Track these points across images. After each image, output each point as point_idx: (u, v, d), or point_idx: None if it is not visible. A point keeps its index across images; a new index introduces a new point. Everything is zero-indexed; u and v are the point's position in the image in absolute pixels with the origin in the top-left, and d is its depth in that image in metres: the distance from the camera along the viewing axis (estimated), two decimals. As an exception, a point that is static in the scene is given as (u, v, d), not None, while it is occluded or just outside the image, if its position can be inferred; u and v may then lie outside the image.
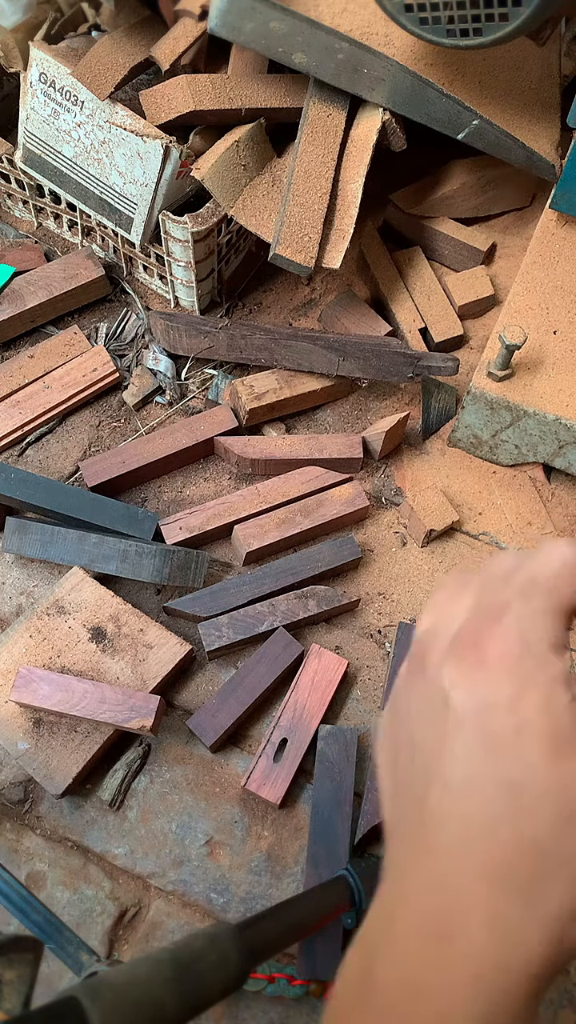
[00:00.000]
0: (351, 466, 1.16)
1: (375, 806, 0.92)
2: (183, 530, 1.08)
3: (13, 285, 1.23)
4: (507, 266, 1.36)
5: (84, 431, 1.20)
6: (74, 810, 0.95)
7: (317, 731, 0.97)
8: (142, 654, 0.97)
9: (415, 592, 1.10)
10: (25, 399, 1.18)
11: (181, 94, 1.06)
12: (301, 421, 1.23)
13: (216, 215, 1.12)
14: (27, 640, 0.97)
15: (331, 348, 1.13)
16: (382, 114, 1.11)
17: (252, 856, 0.94)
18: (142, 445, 1.13)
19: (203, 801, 0.96)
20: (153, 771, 0.97)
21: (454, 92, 1.09)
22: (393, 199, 1.34)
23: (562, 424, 1.06)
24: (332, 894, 0.84)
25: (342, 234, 1.11)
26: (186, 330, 1.17)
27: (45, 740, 0.93)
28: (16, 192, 1.31)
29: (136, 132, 1.07)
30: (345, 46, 1.04)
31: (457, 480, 1.18)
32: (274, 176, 1.14)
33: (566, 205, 1.14)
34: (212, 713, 0.96)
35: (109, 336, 1.27)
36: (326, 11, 1.05)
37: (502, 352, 1.04)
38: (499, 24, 0.92)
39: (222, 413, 1.16)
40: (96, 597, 1.00)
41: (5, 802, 0.95)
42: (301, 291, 1.34)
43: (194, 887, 0.92)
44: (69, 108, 1.11)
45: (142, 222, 1.16)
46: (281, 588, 1.04)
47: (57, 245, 1.34)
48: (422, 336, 1.26)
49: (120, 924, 0.91)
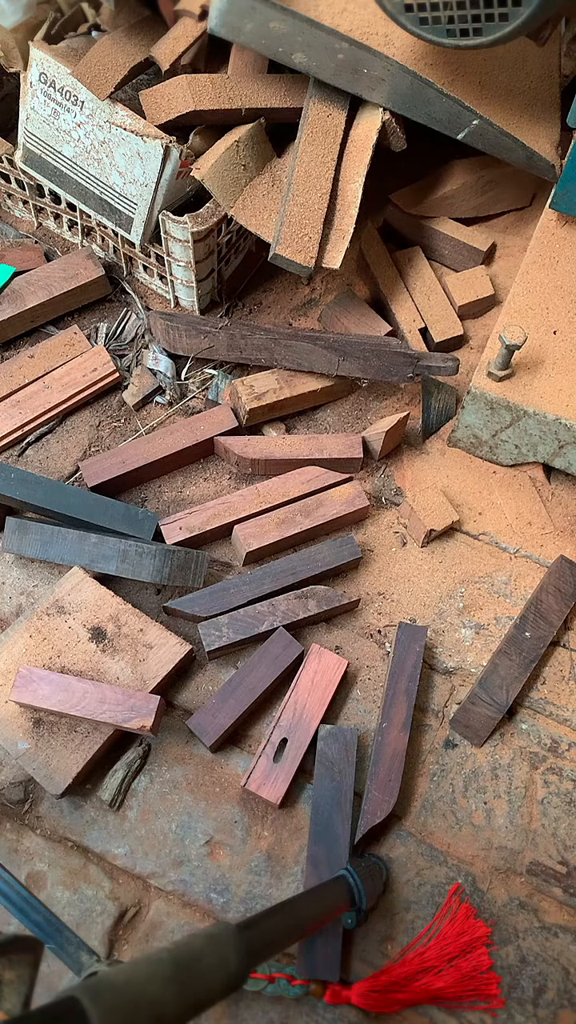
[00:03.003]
0: (351, 466, 1.16)
1: (375, 806, 0.93)
2: (183, 530, 1.08)
3: (13, 285, 1.23)
4: (507, 266, 1.36)
5: (84, 431, 1.20)
6: (74, 810, 0.95)
7: (317, 731, 0.97)
8: (142, 654, 0.97)
9: (415, 592, 1.10)
10: (25, 399, 1.18)
11: (181, 94, 1.06)
12: (301, 421, 1.23)
13: (216, 215, 1.12)
14: (27, 640, 0.97)
15: (331, 348, 1.13)
16: (382, 114, 1.11)
17: (252, 856, 0.94)
18: (142, 445, 1.13)
19: (203, 801, 0.96)
20: (153, 771, 0.97)
21: (454, 92, 1.09)
22: (393, 199, 1.34)
23: (562, 424, 1.06)
24: (332, 894, 0.84)
25: (342, 234, 1.11)
26: (186, 330, 1.17)
27: (45, 740, 0.93)
28: (16, 192, 1.31)
29: (136, 132, 1.07)
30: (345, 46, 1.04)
31: (457, 480, 1.18)
32: (274, 176, 1.14)
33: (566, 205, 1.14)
34: (212, 713, 0.96)
35: (109, 336, 1.27)
36: (326, 11, 1.05)
37: (502, 352, 1.04)
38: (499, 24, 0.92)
39: (222, 413, 1.16)
40: (96, 597, 1.00)
41: (5, 802, 0.95)
42: (301, 291, 1.34)
43: (194, 887, 0.92)
44: (69, 108, 1.11)
45: (142, 222, 1.16)
46: (281, 588, 1.04)
47: (57, 245, 1.34)
48: (422, 336, 1.26)
49: (120, 924, 0.91)
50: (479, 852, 0.95)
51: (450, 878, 0.93)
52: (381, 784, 0.93)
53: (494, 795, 0.98)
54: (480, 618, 1.08)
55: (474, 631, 1.07)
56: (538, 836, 0.96)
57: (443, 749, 1.00)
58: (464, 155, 1.31)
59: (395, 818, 0.96)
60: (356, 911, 0.87)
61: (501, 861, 0.95)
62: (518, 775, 0.99)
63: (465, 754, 1.00)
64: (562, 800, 0.98)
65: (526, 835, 0.96)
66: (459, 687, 1.04)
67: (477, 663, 1.05)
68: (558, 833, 0.96)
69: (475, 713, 1.00)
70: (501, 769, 0.99)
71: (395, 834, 0.95)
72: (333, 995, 0.86)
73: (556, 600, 1.06)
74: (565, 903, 0.93)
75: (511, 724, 1.02)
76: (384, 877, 0.92)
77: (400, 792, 0.94)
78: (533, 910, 0.92)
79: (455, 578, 1.11)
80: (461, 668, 1.05)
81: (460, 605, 1.09)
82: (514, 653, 1.02)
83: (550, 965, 0.90)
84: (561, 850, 0.95)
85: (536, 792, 0.98)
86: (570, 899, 0.93)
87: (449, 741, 1.01)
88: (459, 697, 1.04)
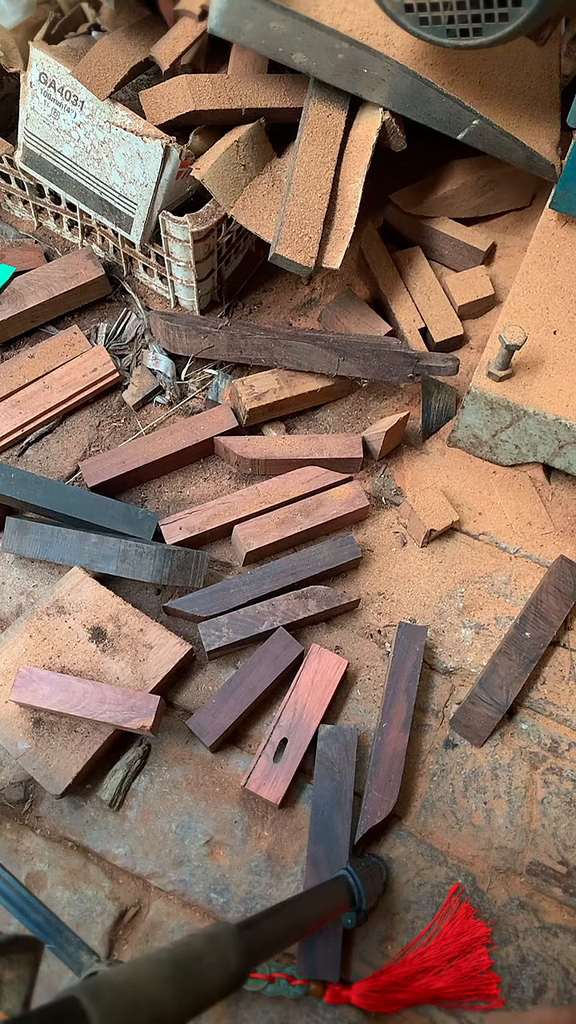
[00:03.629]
0: (351, 466, 1.16)
1: (375, 806, 0.93)
2: (183, 530, 1.08)
3: (13, 285, 1.23)
4: (507, 266, 1.36)
5: (84, 431, 1.20)
6: (74, 810, 0.95)
7: (317, 731, 0.97)
8: (142, 654, 0.97)
9: (415, 592, 1.10)
10: (25, 399, 1.18)
11: (181, 94, 1.06)
12: (301, 421, 1.23)
13: (216, 215, 1.12)
14: (27, 640, 0.97)
15: (331, 348, 1.13)
16: (382, 114, 1.11)
17: (252, 856, 0.94)
18: (142, 445, 1.13)
19: (203, 801, 0.96)
20: (153, 771, 0.97)
21: (454, 92, 1.09)
22: (393, 199, 1.34)
23: (562, 424, 1.06)
24: (332, 894, 0.84)
25: (342, 234, 1.11)
26: (186, 330, 1.17)
27: (45, 740, 0.93)
28: (16, 192, 1.31)
29: (136, 132, 1.07)
30: (345, 46, 1.04)
31: (457, 480, 1.18)
32: (274, 176, 1.14)
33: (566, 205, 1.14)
34: (212, 713, 0.96)
35: (109, 336, 1.27)
36: (326, 11, 1.05)
37: (502, 352, 1.04)
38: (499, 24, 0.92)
39: (222, 413, 1.16)
40: (96, 597, 1.00)
41: (5, 802, 0.95)
42: (301, 291, 1.34)
43: (194, 887, 0.92)
44: (69, 108, 1.11)
45: (142, 222, 1.16)
46: (281, 588, 1.04)
47: (57, 245, 1.34)
48: (422, 336, 1.26)
49: (120, 924, 0.91)
50: (479, 852, 0.95)
51: (450, 878, 0.93)
52: (381, 784, 0.93)
53: (494, 795, 0.98)
54: (480, 618, 1.08)
55: (474, 631, 1.07)
56: (538, 836, 0.96)
57: (443, 749, 1.00)
58: (464, 155, 1.31)
59: (395, 818, 0.96)
60: (356, 911, 0.87)
61: (501, 861, 0.95)
62: (518, 775, 0.99)
63: (465, 754, 1.00)
64: (562, 800, 0.98)
65: (526, 835, 0.96)
66: (459, 687, 1.04)
67: (477, 663, 1.05)
68: (558, 833, 0.96)
69: (475, 713, 1.00)
70: (501, 769, 0.99)
71: (395, 834, 0.95)
72: (333, 995, 0.86)
73: (556, 600, 1.06)
74: (565, 903, 0.93)
75: (511, 724, 1.02)
76: (384, 877, 0.92)
77: (400, 792, 0.94)
78: (533, 910, 0.92)
79: (455, 578, 1.11)
80: (461, 668, 1.05)
81: (460, 605, 1.09)
82: (514, 653, 1.02)
83: (550, 965, 0.90)
84: (561, 850, 0.95)
85: (536, 792, 0.98)
86: (570, 899, 0.93)
87: (449, 741, 1.01)
88: (459, 697, 1.04)
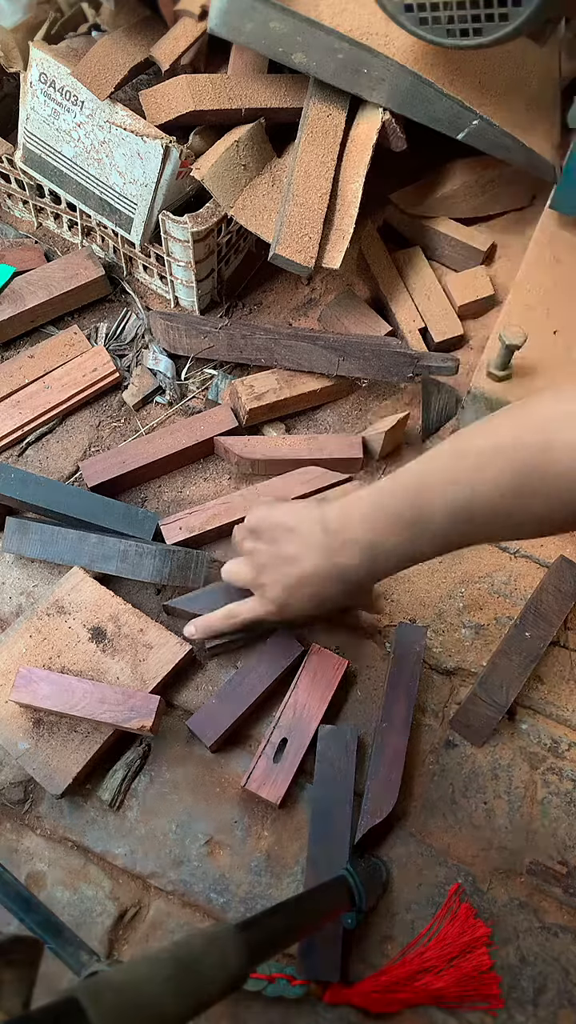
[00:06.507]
0: (351, 466, 1.16)
1: (375, 806, 0.93)
2: (183, 530, 1.08)
3: (13, 285, 1.23)
4: (507, 266, 1.36)
5: (84, 431, 1.20)
6: (74, 810, 0.95)
7: (317, 731, 0.97)
8: (142, 654, 0.97)
9: (415, 592, 1.10)
10: (25, 399, 1.18)
11: (181, 94, 1.06)
12: (301, 421, 1.23)
13: (216, 215, 1.12)
14: (27, 640, 0.97)
15: (331, 348, 1.13)
16: (382, 114, 1.11)
17: (252, 856, 0.94)
18: (142, 445, 1.13)
19: (203, 801, 0.96)
20: (153, 771, 0.97)
21: (454, 92, 1.09)
22: (393, 199, 1.34)
23: (562, 424, 1.06)
24: (332, 894, 0.84)
25: (342, 234, 1.11)
26: (186, 330, 1.17)
27: (45, 740, 0.93)
28: (16, 192, 1.31)
29: (136, 132, 1.07)
30: (345, 46, 1.04)
31: (457, 480, 1.18)
32: (274, 176, 1.14)
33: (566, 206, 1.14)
34: (212, 713, 0.96)
35: (109, 336, 1.27)
36: (326, 11, 1.05)
37: (502, 352, 1.04)
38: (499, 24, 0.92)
39: (222, 413, 1.16)
40: (96, 597, 1.00)
41: (5, 802, 0.95)
42: (301, 291, 1.34)
43: (194, 887, 0.92)
44: (69, 108, 1.11)
45: (142, 222, 1.16)
46: (281, 588, 1.04)
47: (57, 245, 1.34)
48: (422, 336, 1.26)
49: (120, 924, 0.91)
50: (479, 852, 0.95)
51: (450, 878, 0.93)
52: (381, 784, 0.93)
53: (494, 795, 0.98)
54: (480, 618, 1.08)
55: (474, 631, 1.07)
56: (538, 836, 0.96)
57: (443, 749, 1.00)
58: (464, 155, 1.31)
59: (395, 818, 0.96)
60: (356, 911, 0.87)
61: (501, 861, 0.95)
62: (518, 775, 0.99)
63: (465, 754, 1.00)
64: (562, 800, 0.98)
65: (526, 835, 0.96)
66: (459, 687, 1.04)
67: (477, 663, 1.05)
68: (558, 833, 0.96)
69: (475, 713, 1.00)
70: (501, 769, 0.99)
71: (395, 834, 0.95)
72: (333, 995, 0.86)
73: (556, 600, 1.06)
74: (565, 903, 0.93)
75: (511, 724, 1.02)
76: (384, 878, 0.92)
77: (400, 792, 0.94)
78: (533, 910, 0.92)
79: (455, 578, 1.11)
80: (461, 668, 1.05)
81: (460, 605, 1.09)
82: (514, 653, 1.02)
83: (550, 965, 0.90)
84: (561, 850, 0.95)
85: (536, 792, 0.98)
86: (570, 899, 0.93)
87: (449, 741, 1.01)
88: (459, 697, 1.04)
